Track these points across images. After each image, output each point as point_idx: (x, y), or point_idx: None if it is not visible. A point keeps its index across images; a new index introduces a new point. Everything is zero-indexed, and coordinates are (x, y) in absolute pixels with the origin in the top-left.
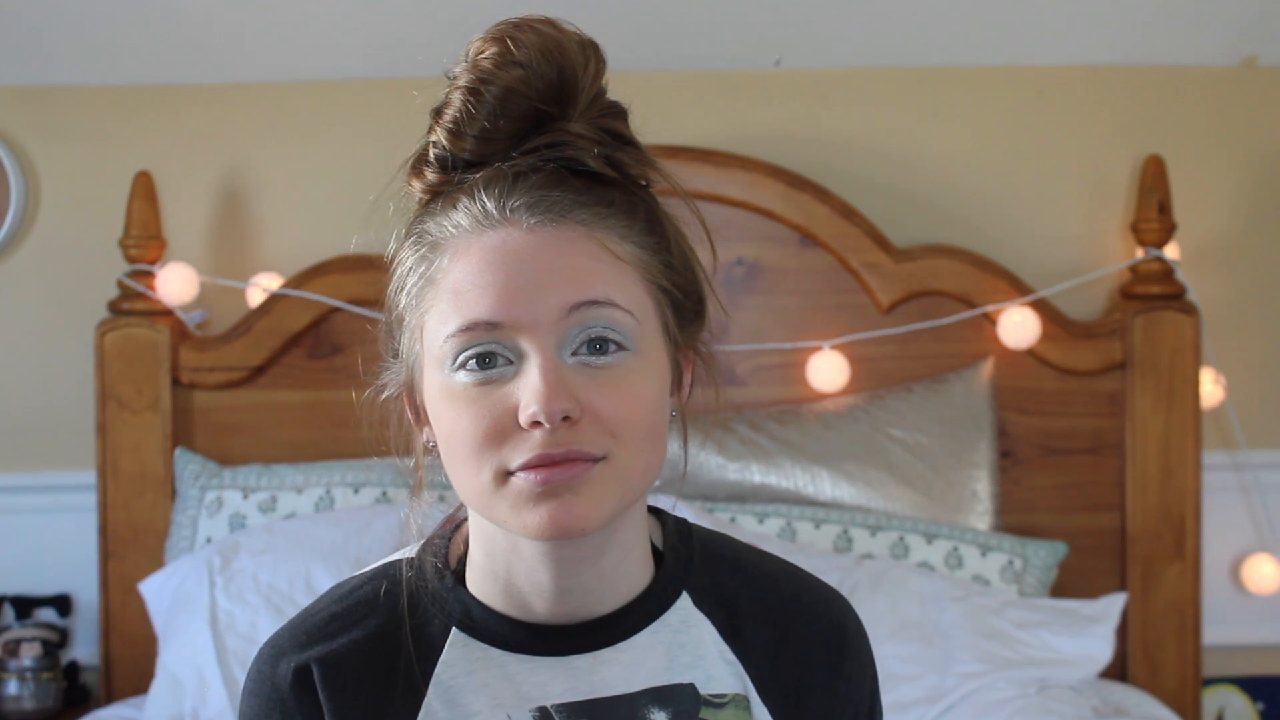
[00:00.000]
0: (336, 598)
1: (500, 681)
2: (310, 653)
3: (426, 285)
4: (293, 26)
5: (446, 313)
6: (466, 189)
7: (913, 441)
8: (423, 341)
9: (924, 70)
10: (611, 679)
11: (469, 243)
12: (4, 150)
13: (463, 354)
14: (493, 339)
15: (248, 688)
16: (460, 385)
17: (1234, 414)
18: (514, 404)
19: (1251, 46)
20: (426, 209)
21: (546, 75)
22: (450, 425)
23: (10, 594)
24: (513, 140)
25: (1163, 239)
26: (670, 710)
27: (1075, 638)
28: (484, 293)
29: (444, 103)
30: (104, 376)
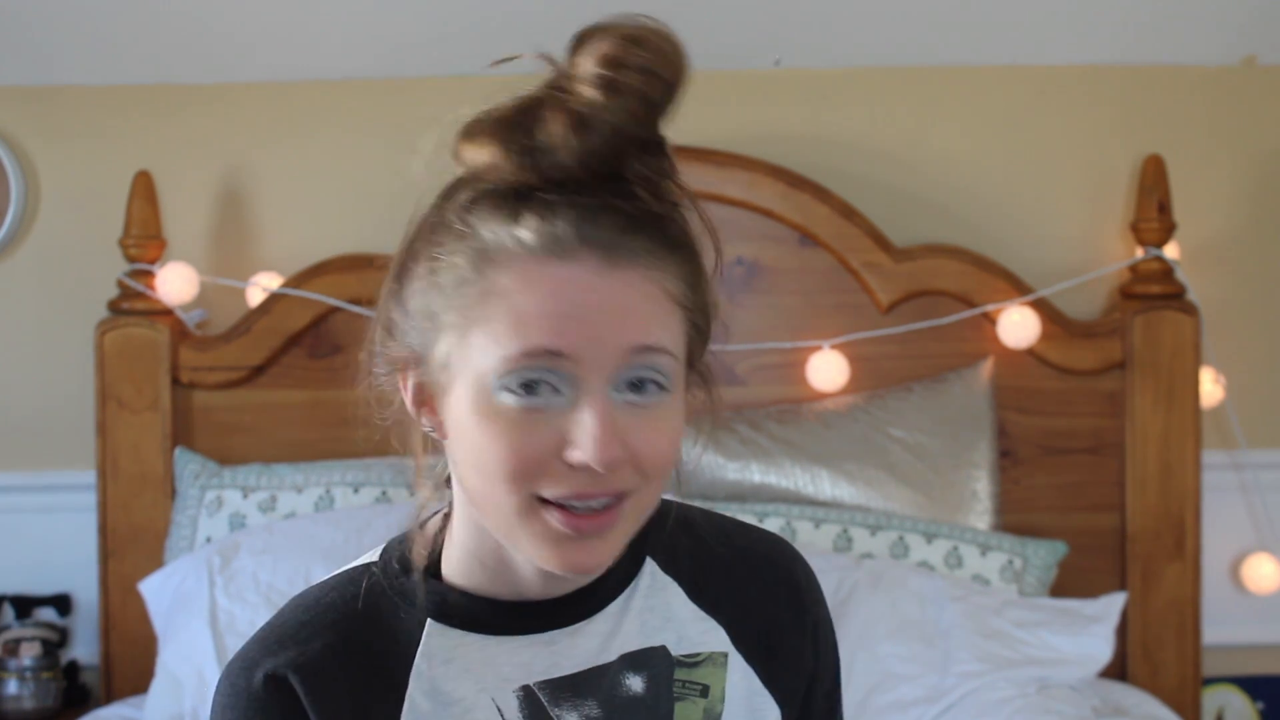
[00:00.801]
0: (303, 607)
1: (481, 666)
2: (285, 661)
3: (478, 297)
4: (293, 26)
5: (504, 334)
6: (537, 206)
7: (912, 441)
8: (465, 350)
9: (924, 70)
10: (591, 650)
11: (536, 269)
12: (4, 150)
13: (514, 376)
14: (551, 368)
15: (221, 703)
16: (502, 406)
17: (1234, 414)
18: (558, 436)
19: (1251, 46)
20: (477, 203)
21: (657, 103)
22: (484, 444)
23: (10, 594)
24: (602, 165)
25: (1163, 239)
26: (645, 674)
27: (1075, 637)
28: (550, 322)
29: (566, 93)
30: (104, 376)
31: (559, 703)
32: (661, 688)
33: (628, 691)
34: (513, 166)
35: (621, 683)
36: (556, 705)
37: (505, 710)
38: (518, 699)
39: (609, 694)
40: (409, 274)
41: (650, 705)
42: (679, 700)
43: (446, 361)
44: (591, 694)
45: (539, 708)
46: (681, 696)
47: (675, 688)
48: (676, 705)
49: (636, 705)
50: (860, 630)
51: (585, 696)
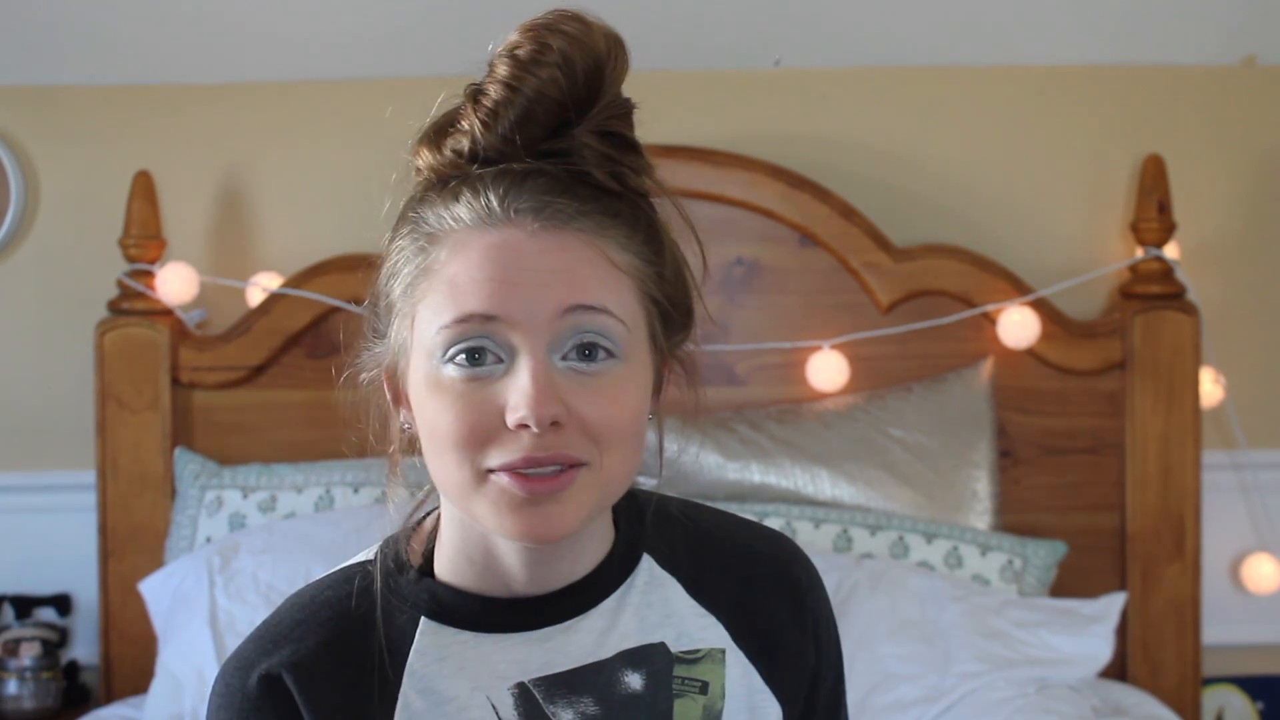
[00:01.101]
0: (298, 606)
1: (476, 664)
2: (279, 660)
3: (421, 275)
4: (293, 26)
5: (441, 304)
6: (470, 183)
7: (912, 441)
8: (413, 330)
9: (924, 70)
10: (586, 647)
11: (469, 238)
12: (4, 150)
13: (454, 346)
14: (485, 333)
15: (216, 704)
16: (448, 379)
17: (1234, 414)
18: (501, 404)
19: (1251, 46)
20: (425, 195)
21: (576, 77)
22: (434, 418)
23: (10, 594)
24: (531, 141)
25: (1162, 239)
26: (644, 671)
27: (1075, 637)
28: (480, 286)
29: (480, 91)
30: (104, 376)
31: (554, 700)
32: (661, 685)
33: (626, 689)
34: (446, 159)
35: (620, 680)
36: (552, 702)
37: (500, 708)
38: (513, 696)
39: (606, 691)
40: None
41: (649, 702)
42: (678, 697)
43: (402, 346)
44: (587, 691)
45: (534, 705)
46: (681, 693)
47: (674, 684)
48: (676, 702)
49: (635, 702)
50: (860, 630)
51: (581, 694)
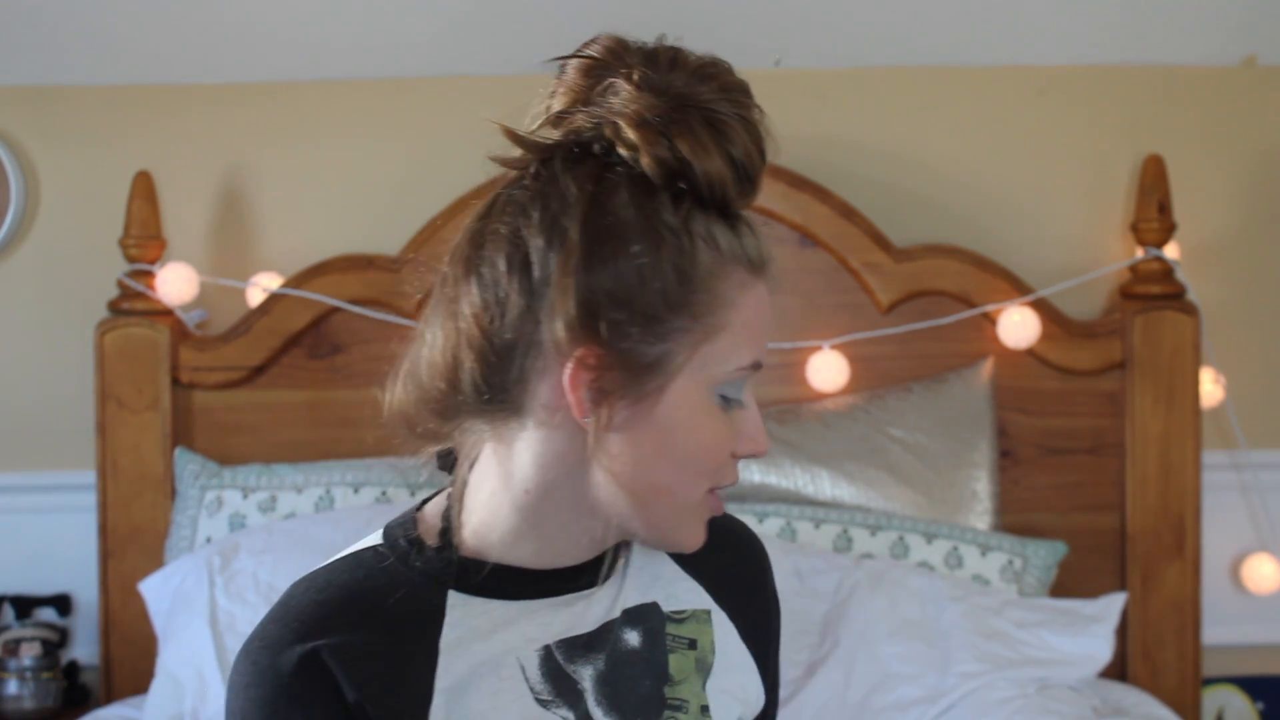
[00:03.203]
0: (316, 587)
1: (504, 629)
2: (314, 640)
3: (713, 304)
4: (293, 26)
5: (739, 344)
6: (747, 225)
7: (912, 441)
8: (694, 354)
9: (924, 70)
10: (601, 612)
11: (749, 282)
12: (4, 150)
13: (733, 384)
14: (749, 377)
15: (241, 683)
16: (715, 408)
17: (1234, 414)
18: (738, 434)
19: (1251, 46)
20: (697, 211)
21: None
22: (696, 438)
23: (10, 594)
24: None
25: (1162, 239)
26: (640, 629)
27: (1075, 637)
28: (762, 338)
29: (733, 118)
30: (104, 376)
31: (573, 659)
32: (656, 641)
33: (627, 645)
34: (735, 180)
35: (621, 636)
36: (572, 662)
37: (527, 668)
38: (538, 657)
39: (614, 648)
40: (598, 270)
41: (646, 656)
42: (671, 652)
43: (662, 364)
44: (601, 649)
45: (556, 665)
46: (673, 649)
47: (667, 641)
48: (670, 657)
49: (634, 657)
50: (860, 630)
51: (597, 651)
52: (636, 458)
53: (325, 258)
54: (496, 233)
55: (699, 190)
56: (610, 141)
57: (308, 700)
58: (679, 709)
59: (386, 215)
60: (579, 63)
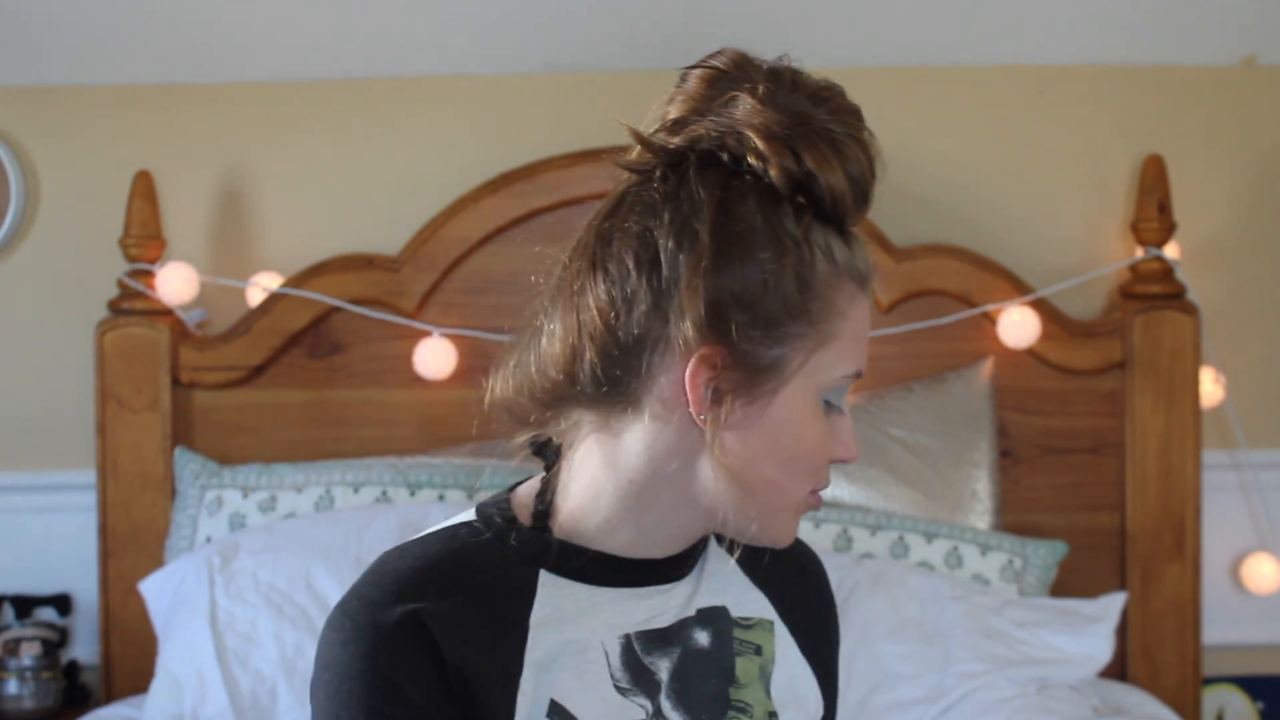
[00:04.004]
0: (411, 555)
1: (591, 613)
2: (414, 602)
3: (828, 312)
4: (293, 26)
5: (847, 353)
6: (857, 240)
7: (913, 441)
8: (808, 359)
9: (924, 70)
10: (678, 607)
11: (855, 293)
12: (4, 150)
13: (838, 391)
14: (850, 385)
15: (342, 639)
16: (821, 412)
17: (1234, 413)
18: (836, 439)
19: (1251, 46)
20: (816, 221)
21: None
22: (808, 443)
23: (10, 594)
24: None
25: (1163, 238)
26: (710, 630)
27: (1075, 637)
28: (865, 349)
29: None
30: (104, 376)
31: (651, 651)
32: (725, 643)
33: (697, 644)
34: (853, 197)
35: (692, 635)
36: (649, 654)
37: (610, 654)
38: (620, 644)
39: (686, 645)
40: (726, 272)
41: (715, 657)
42: (739, 655)
43: (778, 367)
44: (677, 644)
45: (634, 655)
46: (740, 653)
47: (735, 644)
48: (737, 660)
49: (705, 657)
50: (860, 630)
51: (673, 646)
52: (748, 455)
53: (325, 257)
54: (627, 231)
55: (820, 204)
56: (737, 151)
57: (409, 656)
58: (743, 711)
59: (386, 215)
60: (702, 72)
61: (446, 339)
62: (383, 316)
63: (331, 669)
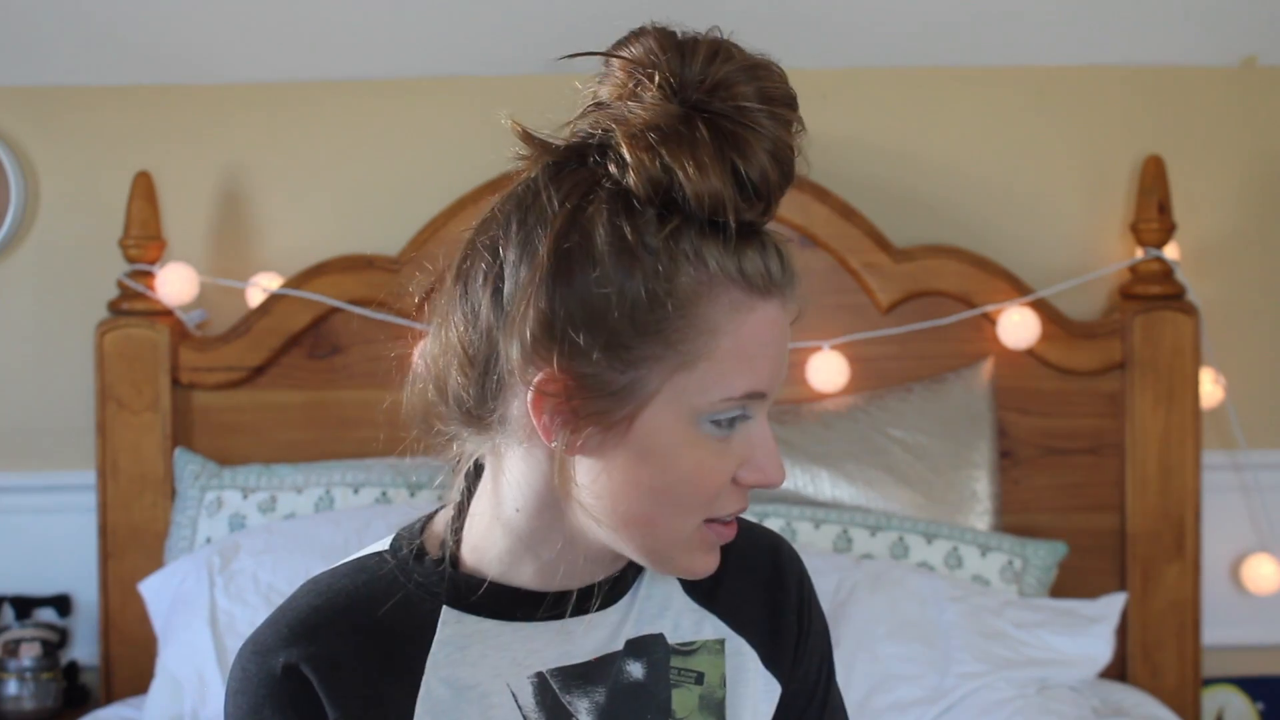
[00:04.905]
0: (315, 592)
1: (497, 652)
2: (298, 650)
3: (694, 329)
4: (293, 26)
5: (726, 372)
6: (755, 244)
7: (912, 441)
8: (672, 381)
9: (924, 70)
10: (602, 640)
11: (750, 307)
12: (4, 150)
13: (726, 415)
14: (751, 407)
15: (233, 687)
16: (704, 437)
17: (1234, 414)
18: (735, 462)
19: (1251, 46)
20: (687, 230)
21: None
22: (681, 471)
23: (10, 594)
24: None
25: (1162, 239)
26: (644, 660)
27: (1075, 638)
28: (765, 364)
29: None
30: (104, 376)
31: (570, 690)
32: (660, 674)
33: (629, 678)
34: (739, 198)
35: (624, 669)
36: (568, 692)
37: (520, 696)
38: (532, 685)
39: (615, 681)
40: (567, 288)
41: (650, 690)
42: (675, 687)
43: (635, 390)
44: (600, 681)
45: (551, 694)
46: (678, 683)
47: (671, 675)
48: (674, 691)
49: (638, 691)
50: (860, 630)
51: (596, 684)
52: (609, 485)
53: (325, 258)
54: (481, 244)
55: (689, 209)
56: (603, 153)
57: (293, 709)
58: None
59: (386, 215)
60: (621, 61)
61: None
62: (383, 317)
63: (228, 716)
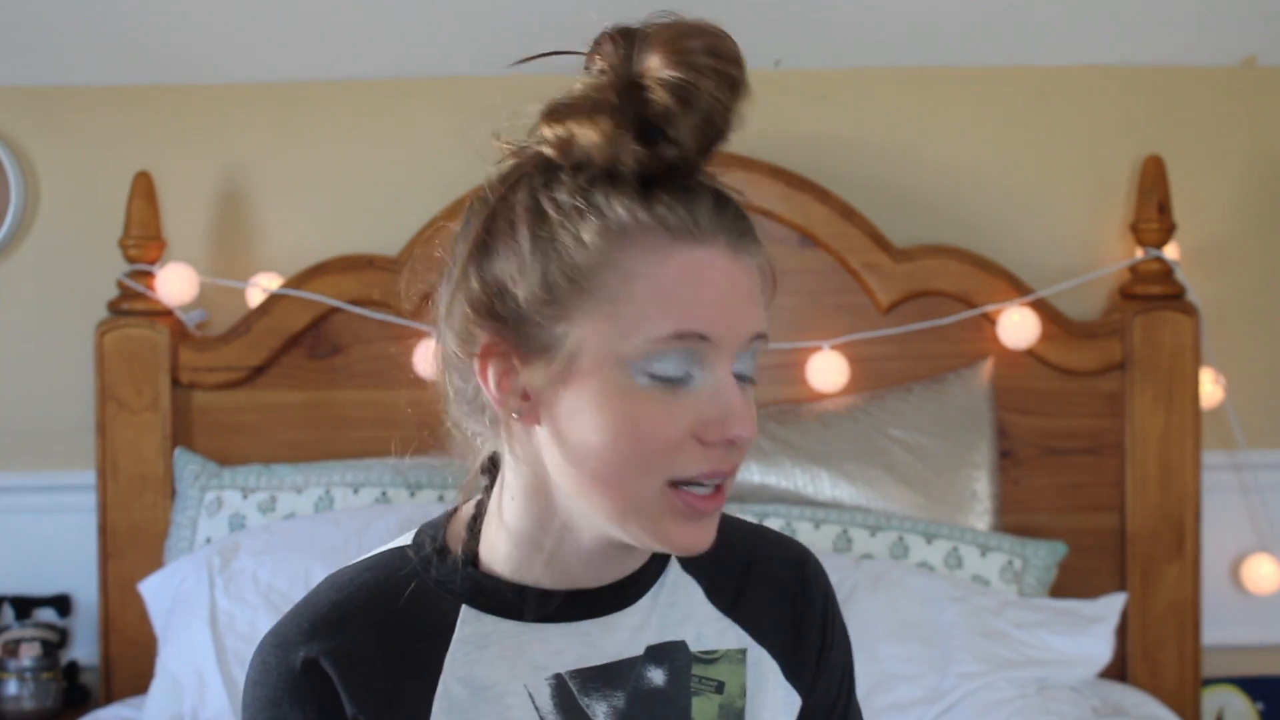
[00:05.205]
0: (337, 587)
1: (515, 653)
2: (319, 644)
3: (614, 276)
4: (293, 26)
5: (651, 315)
6: (672, 190)
7: (912, 441)
8: (596, 332)
9: (924, 70)
10: (620, 643)
11: (669, 248)
12: (4, 150)
13: (661, 360)
14: (691, 350)
15: (252, 678)
16: (644, 389)
17: (1234, 414)
18: (694, 417)
19: (1251, 46)
20: (598, 183)
21: (737, 92)
22: (624, 427)
23: (10, 594)
24: (702, 152)
25: (1162, 239)
26: (666, 667)
27: (1075, 638)
28: (698, 306)
29: (656, 84)
30: (104, 376)
31: (589, 692)
32: (680, 681)
33: (649, 684)
34: (634, 148)
35: (644, 674)
36: (586, 695)
37: (537, 698)
38: (550, 687)
39: (634, 686)
40: (494, 257)
41: (670, 698)
42: (695, 695)
43: (563, 344)
44: (619, 685)
45: (569, 697)
46: (698, 691)
47: (692, 683)
48: (694, 700)
49: (657, 697)
50: (860, 631)
51: (614, 687)
52: (563, 448)
53: (325, 258)
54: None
55: (593, 165)
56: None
57: (311, 703)
58: None
59: (386, 215)
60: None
61: None
62: (383, 317)
63: (246, 707)
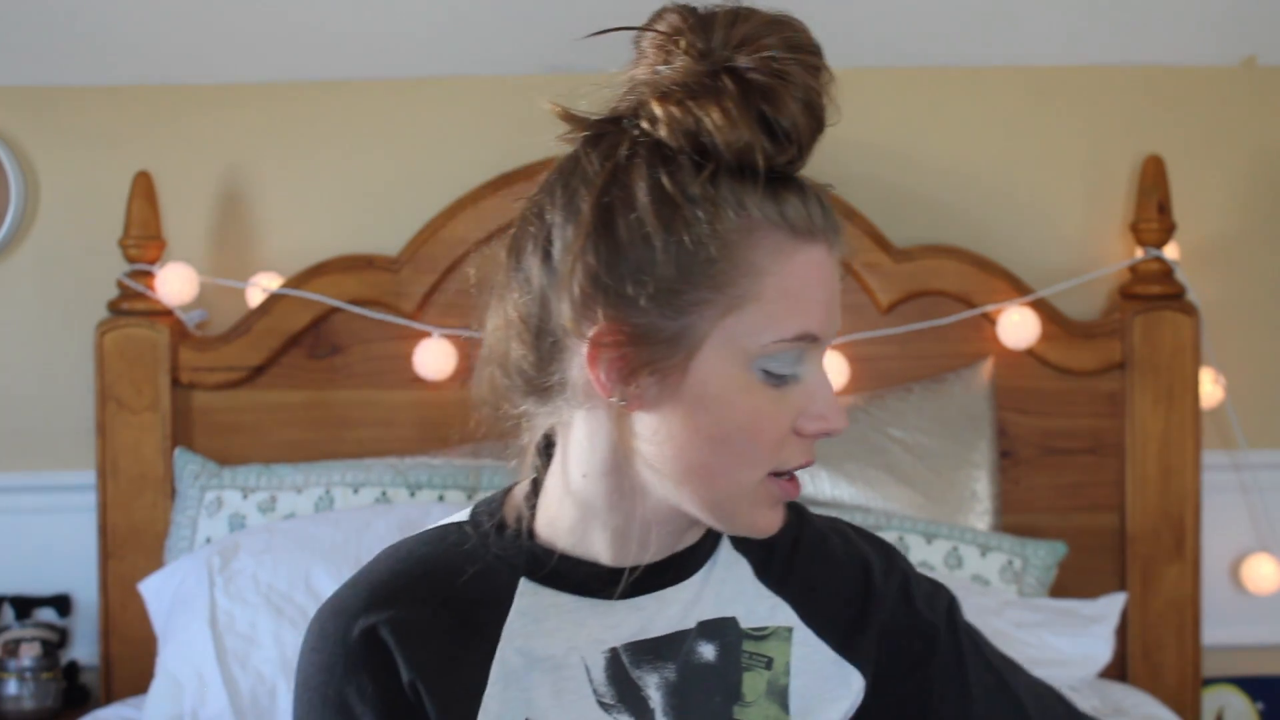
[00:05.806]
0: (397, 557)
1: (571, 626)
2: (378, 614)
3: (741, 272)
4: (293, 26)
5: (776, 314)
6: (794, 189)
7: (912, 441)
8: (722, 325)
9: (924, 70)
10: (674, 617)
11: (791, 247)
12: (4, 150)
13: (779, 358)
14: (804, 350)
15: (310, 644)
16: (759, 383)
17: (1234, 414)
18: (795, 411)
19: (1251, 46)
20: (723, 176)
21: (829, 83)
22: (738, 417)
23: (10, 594)
24: (809, 148)
25: (1162, 239)
26: (717, 643)
27: (1075, 638)
28: (816, 307)
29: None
30: (104, 376)
31: (640, 665)
32: (731, 657)
33: (700, 658)
34: (769, 145)
35: (695, 649)
36: (638, 667)
37: (592, 669)
38: (605, 659)
39: (685, 659)
40: (618, 243)
41: (720, 672)
42: (746, 670)
43: (686, 337)
44: (670, 658)
45: (621, 669)
46: (749, 667)
47: (743, 658)
48: (744, 675)
49: (708, 672)
50: None
51: (666, 660)
52: (669, 437)
53: (325, 258)
54: (530, 214)
55: (722, 157)
56: (636, 116)
57: (366, 673)
58: None
59: (386, 215)
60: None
61: (446, 339)
62: (382, 317)
63: (300, 671)
